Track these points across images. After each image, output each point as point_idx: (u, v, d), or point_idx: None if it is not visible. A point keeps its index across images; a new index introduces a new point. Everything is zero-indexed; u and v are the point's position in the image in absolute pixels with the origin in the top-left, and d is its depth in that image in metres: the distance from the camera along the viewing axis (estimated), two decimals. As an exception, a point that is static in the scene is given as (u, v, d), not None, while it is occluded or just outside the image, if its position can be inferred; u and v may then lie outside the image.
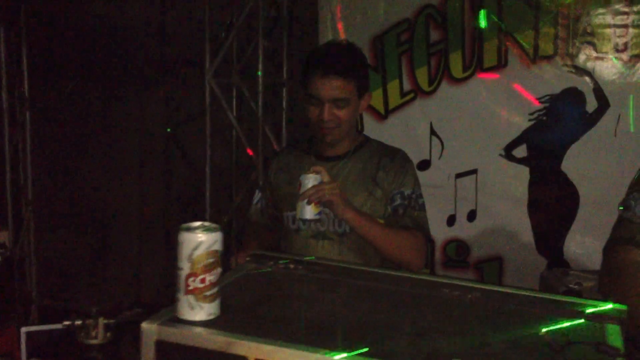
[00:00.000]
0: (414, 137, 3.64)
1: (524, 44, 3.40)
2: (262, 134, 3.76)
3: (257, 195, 2.57)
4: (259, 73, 3.70)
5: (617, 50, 3.29)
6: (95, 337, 1.97)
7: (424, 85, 3.60)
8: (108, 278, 4.81)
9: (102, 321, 1.96)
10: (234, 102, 4.11)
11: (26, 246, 4.57)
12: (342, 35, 3.65)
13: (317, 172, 2.12)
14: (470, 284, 1.56)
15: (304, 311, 1.42)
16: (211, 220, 3.92)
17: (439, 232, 3.66)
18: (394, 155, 2.36)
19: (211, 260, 1.32)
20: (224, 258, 1.35)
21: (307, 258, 1.76)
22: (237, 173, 4.15)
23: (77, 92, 4.65)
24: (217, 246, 1.33)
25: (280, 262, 1.68)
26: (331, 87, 2.20)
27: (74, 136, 4.79)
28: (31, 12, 4.31)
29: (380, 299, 1.51)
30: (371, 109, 3.70)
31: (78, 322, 1.97)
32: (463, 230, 3.62)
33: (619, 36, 3.27)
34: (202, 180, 4.15)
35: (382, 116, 3.70)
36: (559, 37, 3.34)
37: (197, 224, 1.36)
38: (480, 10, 3.44)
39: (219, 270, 1.34)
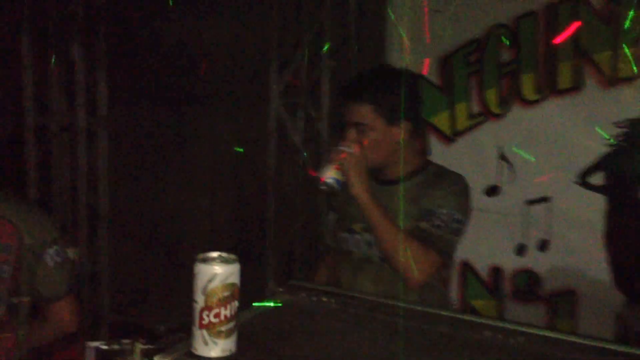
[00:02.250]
0: (483, 161, 3.49)
1: (601, 65, 3.20)
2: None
3: (329, 216, 2.52)
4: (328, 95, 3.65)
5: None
6: (132, 363, 1.93)
7: (494, 108, 3.45)
8: (178, 295, 4.83)
9: (139, 346, 1.92)
10: (301, 124, 4.06)
11: (100, 262, 4.67)
12: (409, 55, 3.55)
13: (351, 143, 2.17)
14: (514, 327, 1.43)
15: (326, 350, 1.33)
16: (273, 242, 3.95)
17: (507, 261, 3.48)
18: (444, 179, 2.27)
19: (227, 293, 1.25)
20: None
21: (347, 292, 1.67)
22: (303, 195, 4.10)
23: (152, 111, 4.73)
24: (234, 279, 1.27)
25: (314, 293, 1.60)
26: (351, 110, 2.21)
27: (148, 154, 4.87)
28: (110, 33, 4.42)
29: (413, 339, 1.40)
30: (437, 132, 3.57)
31: (115, 347, 1.94)
32: (534, 260, 3.43)
33: None
34: (264, 198, 4.13)
35: (449, 139, 3.56)
36: (638, 57, 3.12)
37: (215, 254, 1.30)
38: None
39: (235, 304, 1.27)
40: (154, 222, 4.89)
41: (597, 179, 3.28)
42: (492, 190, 3.47)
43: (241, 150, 4.59)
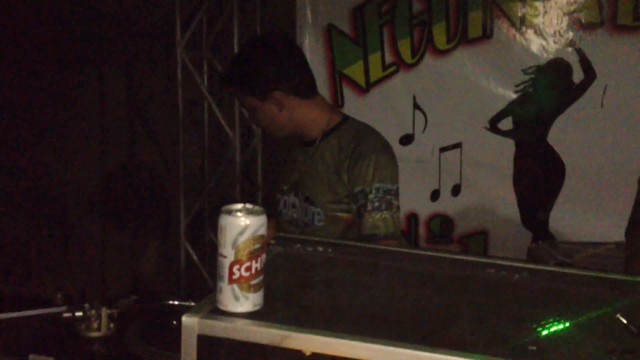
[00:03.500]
0: (397, 111, 3.55)
1: (510, 14, 3.34)
2: (239, 111, 3.60)
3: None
4: (236, 47, 3.54)
5: (604, 21, 3.26)
6: (98, 329, 1.83)
7: (407, 58, 3.50)
8: (70, 263, 4.59)
9: (105, 312, 1.81)
10: (205, 78, 3.91)
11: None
12: (320, 8, 3.52)
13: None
14: (515, 264, 1.48)
15: (351, 298, 1.32)
16: (185, 205, 3.81)
17: (423, 207, 3.60)
18: (359, 143, 2.12)
19: (257, 246, 1.20)
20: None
21: (336, 241, 1.66)
22: (210, 154, 3.99)
23: (31, 69, 4.38)
24: (263, 230, 1.21)
25: (308, 244, 1.58)
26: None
27: (29, 116, 4.52)
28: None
29: (424, 282, 1.42)
30: (352, 83, 3.59)
31: (79, 313, 1.83)
32: (447, 205, 3.56)
33: (605, 5, 3.23)
34: (173, 162, 3.99)
35: (363, 90, 3.59)
36: (545, 7, 3.28)
37: (239, 206, 1.23)
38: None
39: (264, 257, 1.22)
40: (40, 189, 4.58)
41: (506, 124, 3.45)
42: (407, 139, 3.55)
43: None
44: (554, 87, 3.36)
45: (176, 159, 3.90)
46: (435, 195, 3.58)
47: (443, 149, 3.52)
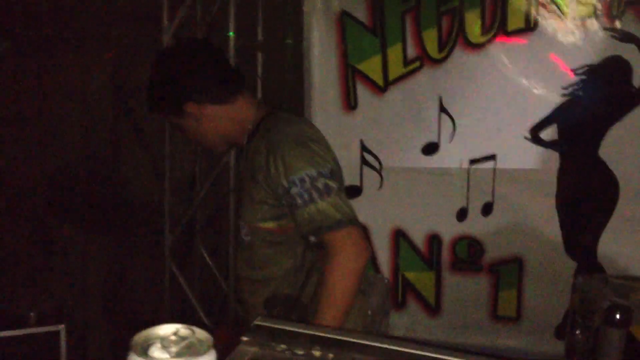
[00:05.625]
0: (420, 114, 3.02)
1: (558, 2, 2.79)
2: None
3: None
4: (231, 34, 3.02)
5: (672, 12, 2.71)
6: None
7: (433, 52, 2.96)
8: (46, 277, 4.11)
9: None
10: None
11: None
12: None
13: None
14: None
15: None
16: (171, 216, 3.33)
17: (448, 228, 3.08)
18: (267, 139, 1.88)
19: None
20: None
21: (332, 335, 1.13)
22: (202, 157, 3.48)
23: (7, 55, 3.87)
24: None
25: (297, 342, 1.06)
26: None
27: (4, 108, 4.03)
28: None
29: None
30: (367, 80, 3.05)
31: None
32: (476, 226, 3.04)
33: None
34: (161, 165, 3.47)
35: (380, 89, 3.05)
36: (602, -5, 2.74)
37: (166, 330, 0.71)
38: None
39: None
40: (16, 189, 4.09)
41: (551, 133, 2.91)
42: (430, 148, 3.03)
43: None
44: (609, 91, 2.82)
45: (163, 161, 3.40)
46: (462, 214, 3.05)
47: (473, 161, 2.99)
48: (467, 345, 3.10)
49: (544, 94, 2.87)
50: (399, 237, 3.14)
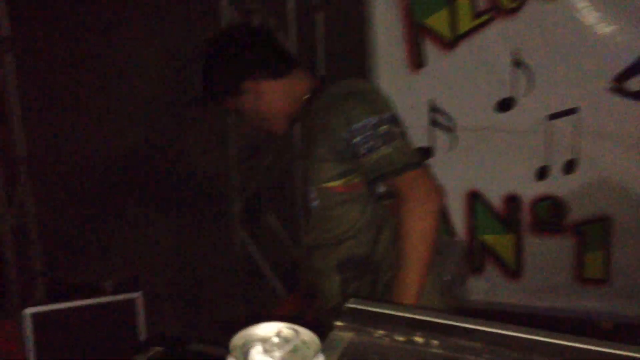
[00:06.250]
0: (492, 69, 2.85)
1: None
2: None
3: None
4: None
5: None
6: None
7: (505, 1, 2.78)
8: (119, 247, 4.14)
9: None
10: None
11: (24, 213, 3.89)
12: None
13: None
14: None
15: None
16: (238, 185, 3.28)
17: (527, 188, 2.92)
18: (325, 97, 1.85)
19: None
20: None
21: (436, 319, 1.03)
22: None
23: (69, 27, 3.86)
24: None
25: (397, 326, 0.96)
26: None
27: (69, 81, 4.04)
28: None
29: None
30: (435, 36, 2.89)
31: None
32: (558, 184, 2.87)
33: None
34: (224, 133, 3.41)
35: (449, 44, 2.89)
36: None
37: (269, 331, 0.62)
38: None
39: None
40: (83, 164, 4.11)
41: (636, 84, 2.70)
42: (506, 104, 2.86)
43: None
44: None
45: (227, 132, 3.34)
46: (542, 173, 2.89)
47: (553, 116, 2.81)
48: (550, 308, 2.98)
49: (629, 41, 2.66)
50: (474, 199, 3.01)
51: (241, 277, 3.37)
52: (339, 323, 1.00)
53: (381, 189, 1.80)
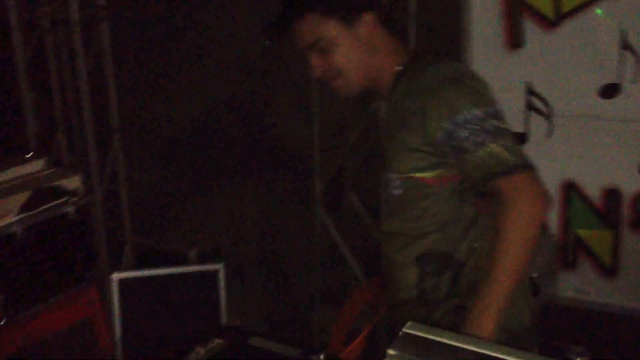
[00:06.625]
0: (597, 52, 2.64)
1: None
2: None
3: None
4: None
5: None
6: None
7: (615, -23, 2.56)
8: (206, 217, 4.19)
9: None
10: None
11: (115, 179, 3.98)
12: None
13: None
14: None
15: None
16: (321, 161, 3.22)
17: (629, 182, 2.71)
18: (421, 79, 1.67)
19: None
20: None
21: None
22: (351, 103, 3.30)
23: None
24: None
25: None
26: (298, 33, 1.73)
27: (162, 51, 4.07)
28: None
29: None
30: (536, 14, 2.70)
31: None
32: (665, 179, 2.66)
33: None
34: (309, 108, 3.34)
35: (551, 23, 2.70)
36: None
37: None
38: None
39: None
40: (172, 134, 4.16)
41: None
42: (610, 90, 2.65)
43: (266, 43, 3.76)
44: None
45: (310, 107, 3.27)
46: (647, 167, 2.68)
47: (662, 104, 2.59)
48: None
49: None
50: (570, 190, 2.83)
51: (320, 257, 3.32)
52: (391, 352, 0.92)
53: (481, 187, 1.66)
